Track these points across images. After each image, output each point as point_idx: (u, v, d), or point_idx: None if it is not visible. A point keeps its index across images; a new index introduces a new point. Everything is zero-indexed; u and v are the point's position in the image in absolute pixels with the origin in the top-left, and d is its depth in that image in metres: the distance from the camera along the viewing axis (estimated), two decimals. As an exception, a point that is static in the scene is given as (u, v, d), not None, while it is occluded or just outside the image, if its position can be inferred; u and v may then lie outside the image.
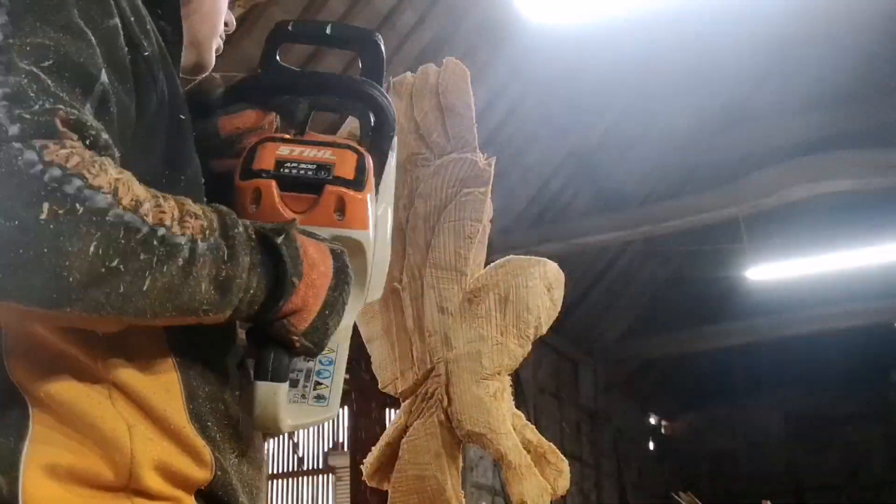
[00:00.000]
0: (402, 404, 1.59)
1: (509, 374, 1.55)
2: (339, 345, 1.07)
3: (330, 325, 0.99)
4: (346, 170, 1.03)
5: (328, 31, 1.21)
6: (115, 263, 0.81)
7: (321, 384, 1.07)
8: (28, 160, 0.80)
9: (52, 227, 0.79)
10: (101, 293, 0.81)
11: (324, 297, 0.97)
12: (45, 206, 0.79)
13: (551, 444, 1.57)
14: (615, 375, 12.76)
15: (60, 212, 0.79)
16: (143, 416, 0.95)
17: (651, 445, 14.95)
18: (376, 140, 1.10)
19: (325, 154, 1.04)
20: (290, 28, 1.22)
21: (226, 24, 1.28)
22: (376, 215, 1.07)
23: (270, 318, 0.96)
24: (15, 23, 0.89)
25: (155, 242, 0.84)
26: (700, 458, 14.89)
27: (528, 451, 1.52)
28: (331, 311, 0.98)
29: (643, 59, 7.86)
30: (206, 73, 1.26)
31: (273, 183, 1.02)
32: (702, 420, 15.46)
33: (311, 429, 15.63)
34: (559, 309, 1.58)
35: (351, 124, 1.32)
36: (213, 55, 1.25)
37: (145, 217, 0.84)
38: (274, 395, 0.99)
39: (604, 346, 12.09)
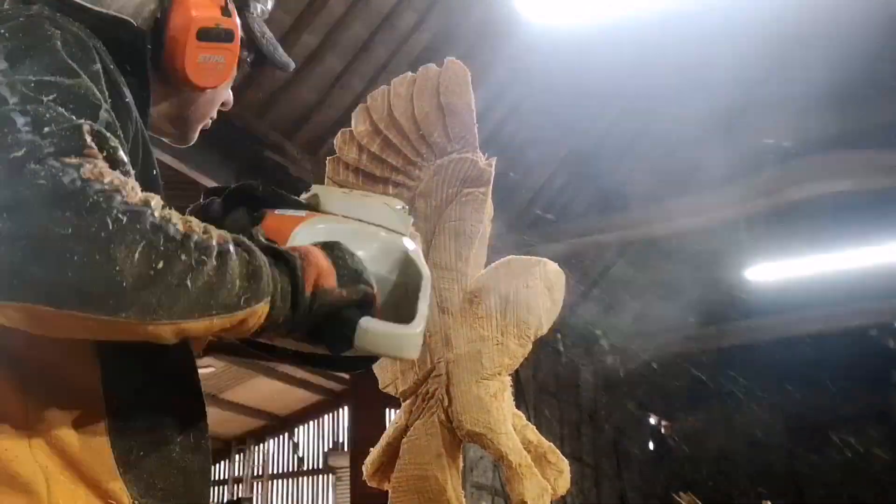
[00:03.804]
0: (403, 404, 1.59)
1: (509, 374, 1.55)
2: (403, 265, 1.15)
3: (353, 266, 1.05)
4: None
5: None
6: (160, 266, 0.86)
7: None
8: (71, 178, 0.86)
9: (102, 235, 0.84)
10: (151, 295, 0.86)
11: (327, 255, 1.04)
12: (95, 217, 0.85)
13: (551, 444, 1.57)
14: (615, 375, 12.75)
15: (108, 222, 0.85)
16: (64, 466, 0.97)
17: (651, 445, 14.95)
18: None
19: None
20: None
21: (223, 105, 1.38)
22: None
23: (310, 300, 1.00)
24: (14, 66, 0.96)
25: (191, 245, 0.90)
26: (700, 458, 14.88)
27: (529, 451, 1.52)
28: (342, 258, 1.05)
29: (643, 59, 7.86)
30: (189, 145, 1.38)
31: None
32: (702, 420, 15.45)
33: (311, 429, 15.63)
34: (559, 309, 1.58)
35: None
36: (196, 134, 1.36)
37: (177, 226, 0.90)
38: (374, 329, 1.05)
39: (604, 346, 12.08)
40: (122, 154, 0.94)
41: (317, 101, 6.57)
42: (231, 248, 0.93)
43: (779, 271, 9.53)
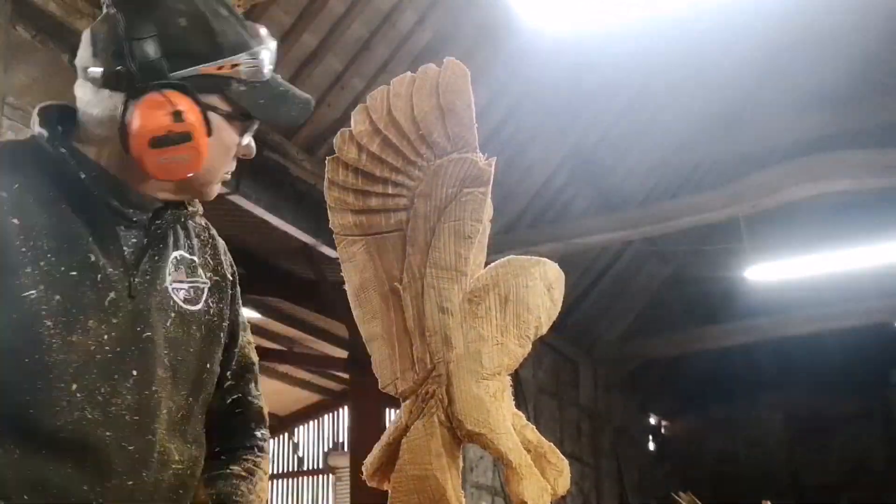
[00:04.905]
0: (403, 404, 1.59)
1: (509, 374, 1.55)
2: None
3: None
4: None
5: None
6: None
7: None
8: None
9: None
10: None
11: None
12: None
13: (551, 444, 1.57)
14: (615, 375, 12.75)
15: None
16: None
17: (651, 445, 14.96)
18: None
19: None
20: None
21: (245, 155, 1.50)
22: None
23: None
24: None
25: None
26: (700, 458, 14.90)
27: (529, 451, 1.52)
28: None
29: (643, 59, 7.86)
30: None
31: None
32: (702, 420, 15.46)
33: (311, 429, 15.63)
34: (559, 309, 1.58)
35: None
36: (214, 191, 1.50)
37: None
38: None
39: (604, 346, 12.09)
40: None
41: (317, 101, 6.56)
42: None
43: (779, 271, 9.53)
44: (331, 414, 15.34)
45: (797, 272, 9.50)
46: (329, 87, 6.53)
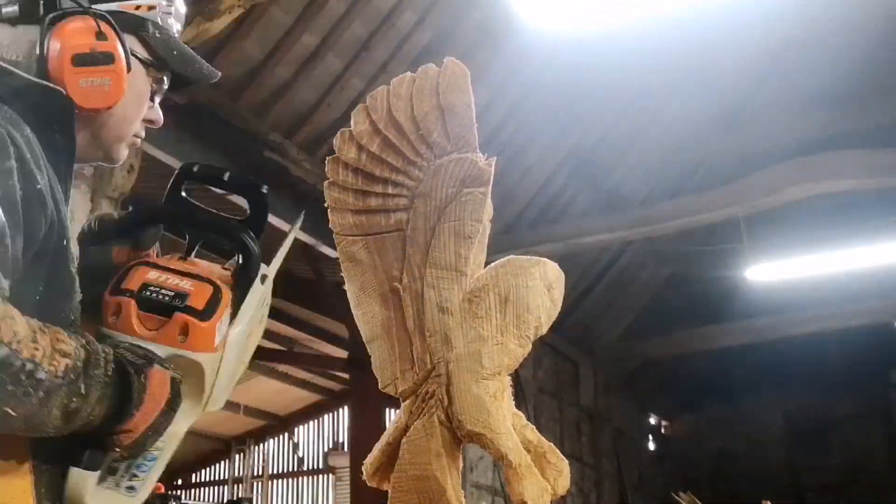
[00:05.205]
0: (403, 404, 1.59)
1: (509, 374, 1.55)
2: (165, 446, 1.24)
3: (149, 442, 1.18)
4: (199, 301, 1.22)
5: (225, 178, 1.42)
6: None
7: (137, 477, 1.23)
8: None
9: None
10: None
11: (151, 422, 1.17)
12: None
13: (551, 444, 1.57)
14: (615, 375, 12.75)
15: None
16: None
17: (651, 445, 14.96)
18: (241, 277, 1.32)
19: (185, 284, 1.24)
20: (194, 170, 1.42)
21: (152, 122, 1.46)
22: (227, 339, 1.25)
23: (103, 433, 1.15)
24: None
25: (23, 377, 1.02)
26: (700, 458, 14.89)
27: (529, 451, 1.52)
28: (153, 432, 1.18)
29: (643, 59, 7.86)
30: (117, 164, 1.48)
31: (132, 302, 1.22)
32: (702, 420, 15.46)
33: (311, 429, 15.62)
34: (559, 309, 1.58)
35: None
36: (122, 153, 1.45)
37: (19, 352, 1.02)
38: (83, 482, 1.17)
39: (604, 346, 12.09)
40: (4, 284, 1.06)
41: (317, 101, 6.57)
42: (65, 382, 1.05)
43: (779, 271, 9.53)
44: (331, 414, 15.34)
45: (797, 272, 9.50)
46: (329, 87, 6.53)
